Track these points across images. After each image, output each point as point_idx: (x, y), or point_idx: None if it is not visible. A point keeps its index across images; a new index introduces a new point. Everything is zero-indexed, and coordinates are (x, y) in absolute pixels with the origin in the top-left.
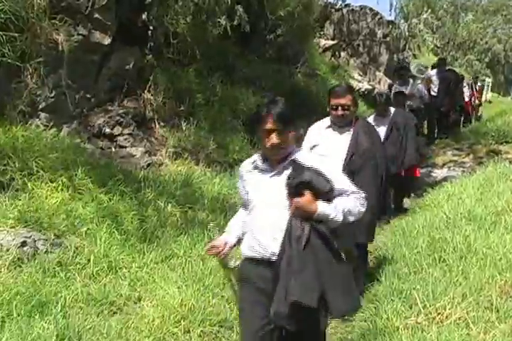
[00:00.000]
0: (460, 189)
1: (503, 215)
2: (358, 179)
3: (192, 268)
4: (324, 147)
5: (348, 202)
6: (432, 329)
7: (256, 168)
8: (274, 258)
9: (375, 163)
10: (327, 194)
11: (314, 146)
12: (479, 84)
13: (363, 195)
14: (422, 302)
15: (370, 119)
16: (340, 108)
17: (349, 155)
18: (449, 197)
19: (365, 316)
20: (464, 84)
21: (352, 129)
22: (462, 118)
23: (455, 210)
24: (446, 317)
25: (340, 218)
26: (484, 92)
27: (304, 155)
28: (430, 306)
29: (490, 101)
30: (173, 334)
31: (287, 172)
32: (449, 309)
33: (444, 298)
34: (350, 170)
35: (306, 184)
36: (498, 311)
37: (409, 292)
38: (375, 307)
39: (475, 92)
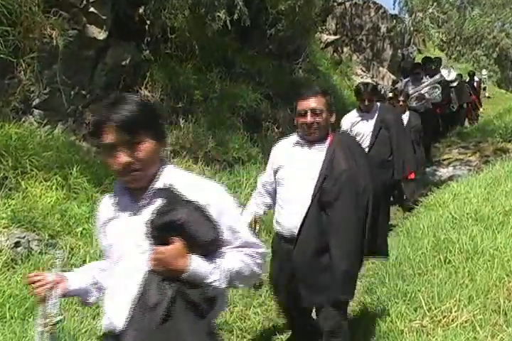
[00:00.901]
0: (466, 188)
1: (511, 215)
2: (332, 214)
3: None
4: (289, 170)
5: (238, 261)
6: (437, 333)
7: (116, 203)
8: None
9: (357, 192)
10: (209, 245)
11: (278, 170)
12: (476, 79)
13: (262, 250)
14: (427, 305)
15: (353, 114)
16: (309, 113)
17: (320, 181)
18: (454, 197)
19: (369, 319)
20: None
21: (326, 145)
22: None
23: (461, 210)
24: (452, 320)
25: (222, 283)
26: (482, 86)
27: (183, 179)
28: (435, 309)
29: (489, 97)
30: None
31: (155, 206)
32: (455, 312)
33: (449, 301)
34: (322, 201)
35: (177, 227)
36: (505, 314)
37: (413, 294)
38: (378, 310)
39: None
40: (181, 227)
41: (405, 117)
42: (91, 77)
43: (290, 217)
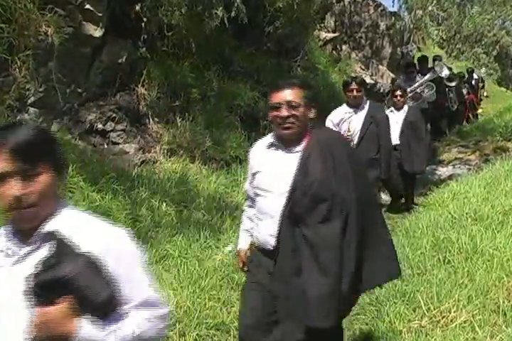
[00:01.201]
0: (466, 187)
1: (511, 215)
2: (304, 230)
3: (187, 270)
4: (263, 177)
5: (138, 325)
6: (436, 333)
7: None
8: None
9: (331, 204)
10: (103, 305)
11: (254, 176)
12: (475, 76)
13: (164, 311)
14: (426, 305)
15: (342, 110)
16: (284, 106)
17: (291, 192)
18: (454, 196)
19: (367, 319)
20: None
21: (301, 148)
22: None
23: (460, 210)
24: (451, 320)
25: None
26: (480, 84)
27: (78, 223)
28: (434, 309)
29: (487, 96)
30: (168, 337)
31: (41, 255)
32: (454, 312)
33: (448, 301)
34: (294, 214)
35: (63, 284)
36: (505, 314)
37: (412, 294)
38: (377, 310)
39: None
40: (69, 284)
41: (402, 113)
42: (87, 75)
43: (264, 231)
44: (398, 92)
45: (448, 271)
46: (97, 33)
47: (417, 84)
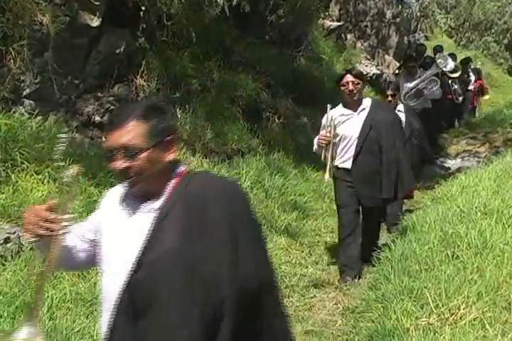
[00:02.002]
0: (475, 180)
1: None
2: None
3: None
4: (108, 244)
5: None
6: (444, 331)
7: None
8: None
9: (193, 295)
10: None
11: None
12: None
13: None
14: (434, 302)
15: (337, 111)
16: (118, 155)
17: (133, 269)
18: (463, 190)
19: (374, 317)
20: (469, 69)
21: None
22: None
23: (470, 203)
24: (461, 317)
25: None
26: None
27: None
28: (443, 306)
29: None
30: None
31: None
32: (464, 309)
33: (457, 298)
34: (136, 304)
35: None
36: None
37: (420, 291)
38: (383, 307)
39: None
40: None
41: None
42: (83, 66)
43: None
44: (389, 92)
45: (457, 267)
46: (94, 22)
47: (418, 80)
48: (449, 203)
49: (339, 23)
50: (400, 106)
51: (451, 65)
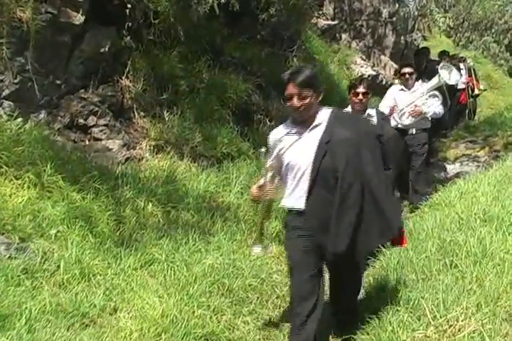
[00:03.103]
0: (474, 186)
1: None
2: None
3: (175, 275)
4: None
5: None
6: None
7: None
8: None
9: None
10: None
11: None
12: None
13: None
14: (432, 313)
15: (282, 129)
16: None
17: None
18: (461, 196)
19: (368, 328)
20: (461, 67)
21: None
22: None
23: (469, 210)
24: (459, 329)
25: None
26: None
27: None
28: (441, 317)
29: (485, 89)
30: None
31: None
32: (462, 320)
33: (456, 308)
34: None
35: None
36: None
37: (417, 301)
38: (378, 319)
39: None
40: None
41: None
42: (66, 66)
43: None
44: (361, 89)
45: (455, 276)
46: (78, 19)
47: (416, 92)
48: (447, 209)
49: (333, 22)
50: (371, 111)
51: (455, 76)
